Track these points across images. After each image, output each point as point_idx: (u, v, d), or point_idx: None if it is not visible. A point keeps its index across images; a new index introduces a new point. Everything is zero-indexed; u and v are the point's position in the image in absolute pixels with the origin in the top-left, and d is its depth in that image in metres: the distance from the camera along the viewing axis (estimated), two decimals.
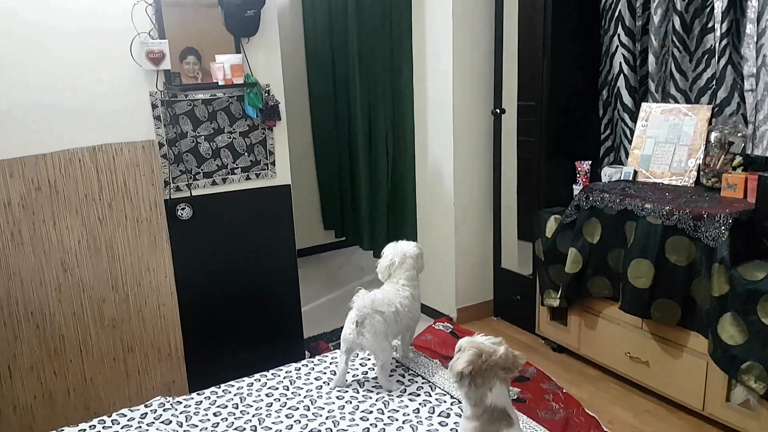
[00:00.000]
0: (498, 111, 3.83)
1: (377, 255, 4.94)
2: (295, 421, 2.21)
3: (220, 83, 2.96)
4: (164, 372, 3.11)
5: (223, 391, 2.44)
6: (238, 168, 3.15)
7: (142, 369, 3.06)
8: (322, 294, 4.76)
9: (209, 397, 2.40)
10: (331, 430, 2.15)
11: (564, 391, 3.18)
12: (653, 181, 3.25)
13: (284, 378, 2.52)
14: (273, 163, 3.23)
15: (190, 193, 3.03)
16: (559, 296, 3.36)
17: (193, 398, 2.40)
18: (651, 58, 3.29)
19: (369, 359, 2.65)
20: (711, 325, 2.62)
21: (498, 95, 3.83)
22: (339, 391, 2.41)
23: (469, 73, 3.77)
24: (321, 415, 2.24)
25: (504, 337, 3.80)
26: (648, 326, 2.99)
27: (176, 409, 2.32)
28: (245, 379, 2.53)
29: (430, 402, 2.32)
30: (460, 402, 2.30)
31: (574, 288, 3.25)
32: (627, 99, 3.45)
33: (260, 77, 3.09)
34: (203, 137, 3.04)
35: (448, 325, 3.86)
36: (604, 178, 3.47)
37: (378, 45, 4.43)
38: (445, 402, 2.32)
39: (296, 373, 2.55)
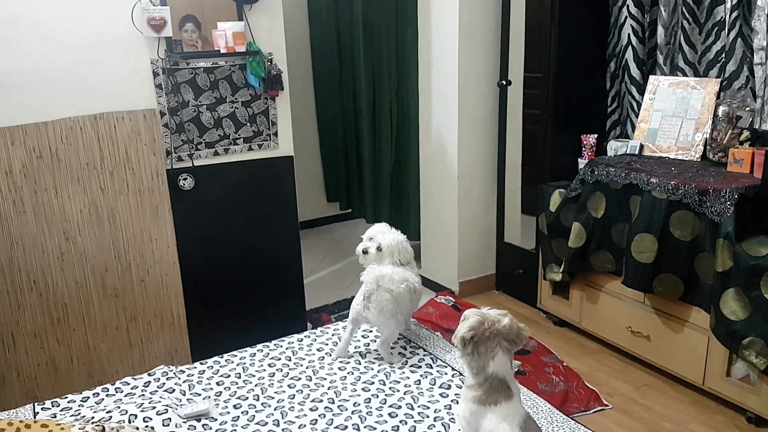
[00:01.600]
0: (504, 83, 3.78)
1: None
2: (297, 391, 2.22)
3: (222, 51, 2.92)
4: (167, 341, 3.13)
5: (225, 360, 2.45)
6: (240, 138, 3.12)
7: (145, 338, 3.08)
8: (325, 266, 4.76)
9: (212, 367, 2.41)
10: (333, 400, 2.16)
11: (564, 364, 3.20)
12: (659, 155, 3.22)
13: (287, 348, 2.53)
14: (275, 134, 3.21)
15: (192, 163, 3.01)
16: (561, 270, 3.36)
17: (196, 367, 2.42)
18: (660, 30, 3.23)
19: (371, 331, 2.65)
20: (713, 301, 2.62)
21: (504, 67, 3.78)
22: (341, 361, 2.42)
23: (475, 44, 3.72)
24: (323, 386, 2.25)
25: (507, 311, 3.84)
26: (650, 301, 2.99)
27: (179, 378, 2.33)
28: (248, 349, 2.54)
29: (432, 374, 2.33)
30: (461, 374, 2.31)
31: (577, 262, 3.24)
32: (635, 71, 3.40)
33: (263, 45, 3.05)
34: (205, 106, 3.01)
35: (450, 298, 3.87)
36: (610, 152, 3.44)
37: (383, 13, 4.38)
38: (446, 374, 2.32)
39: (298, 344, 2.56)
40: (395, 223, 4.77)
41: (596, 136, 3.54)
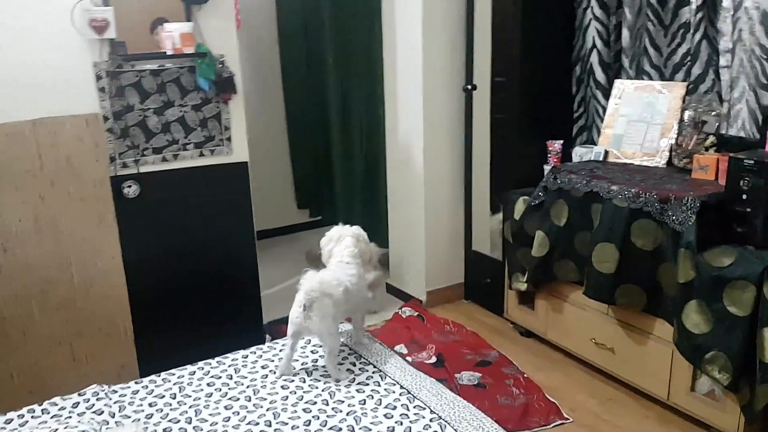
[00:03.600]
0: (469, 87, 3.68)
1: None
2: (233, 413, 2.10)
3: (168, 53, 2.81)
4: (114, 356, 3.00)
5: (162, 379, 2.33)
6: (190, 144, 3.00)
7: (90, 353, 2.95)
8: (292, 275, 4.58)
9: (147, 386, 2.29)
10: (270, 422, 2.05)
11: (525, 375, 3.10)
12: (624, 161, 3.13)
13: (229, 366, 2.41)
14: (229, 139, 3.09)
15: (137, 169, 2.89)
16: (525, 280, 3.26)
17: (130, 387, 2.29)
18: (625, 33, 3.15)
19: (320, 346, 2.53)
20: (676, 313, 2.52)
21: (470, 71, 3.69)
22: (285, 380, 2.30)
23: (439, 47, 3.62)
24: (262, 407, 2.13)
25: (473, 321, 3.74)
26: (613, 312, 2.89)
27: (110, 399, 2.21)
28: (188, 367, 2.42)
29: (378, 393, 2.21)
30: (409, 392, 2.20)
31: (541, 272, 3.14)
32: (600, 75, 3.31)
33: (214, 47, 2.93)
34: (152, 110, 2.89)
35: (412, 310, 3.77)
36: (575, 158, 3.34)
37: (351, 14, 4.27)
38: (393, 393, 2.21)
39: (243, 361, 2.44)
40: (367, 231, 4.71)
41: (562, 142, 3.44)
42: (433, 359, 3.25)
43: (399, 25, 3.71)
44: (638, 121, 3.12)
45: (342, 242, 2.54)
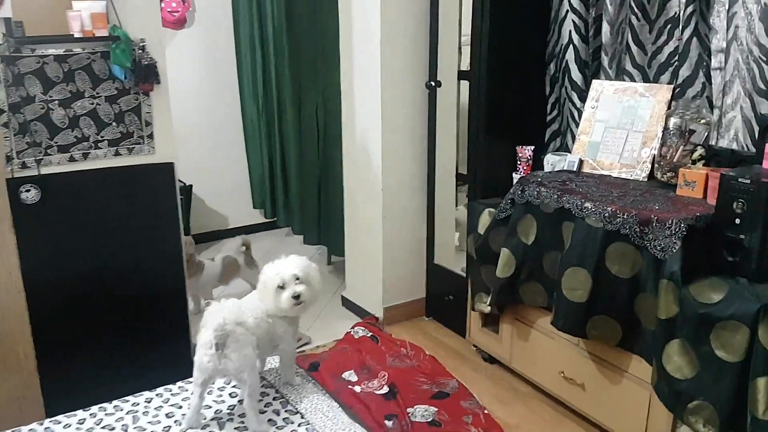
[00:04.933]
0: (433, 84, 3.31)
1: (307, 241, 4.44)
2: None
3: (76, 35, 2.41)
4: (11, 387, 2.59)
5: (44, 429, 1.93)
6: (103, 141, 2.60)
7: None
8: (242, 285, 4.23)
9: None
10: None
11: (486, 411, 2.74)
12: (600, 173, 2.78)
13: (127, 413, 2.02)
14: (150, 136, 2.69)
15: (39, 171, 2.48)
16: (488, 302, 2.90)
17: None
18: (605, 27, 2.79)
19: (238, 388, 2.15)
20: (655, 353, 2.18)
21: (433, 66, 3.31)
22: None
23: (400, 39, 3.24)
24: None
25: (432, 342, 3.38)
26: (585, 344, 2.55)
27: None
28: (78, 413, 2.03)
29: None
30: None
31: (505, 294, 2.79)
32: (576, 75, 2.95)
33: (132, 30, 2.54)
34: (57, 102, 2.48)
35: (367, 330, 3.39)
36: (547, 167, 2.99)
37: (305, 5, 3.88)
38: None
39: (144, 407, 2.05)
40: (322, 237, 4.33)
41: (533, 148, 3.08)
42: (385, 389, 2.88)
43: (355, 13, 3.33)
44: (617, 128, 2.77)
45: None
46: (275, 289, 2.11)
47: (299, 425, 1.96)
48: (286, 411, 2.03)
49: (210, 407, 2.04)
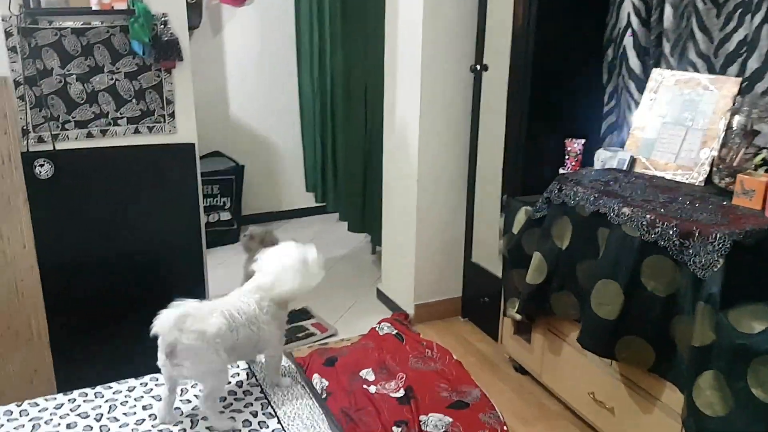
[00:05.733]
0: (478, 67, 3.07)
1: (352, 229, 4.31)
2: None
3: (94, 8, 2.35)
4: (24, 360, 2.59)
5: (21, 411, 1.89)
6: (122, 118, 2.54)
7: None
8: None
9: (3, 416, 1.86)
10: None
11: (505, 428, 2.52)
12: (652, 173, 2.48)
13: (107, 401, 1.94)
14: (171, 115, 2.61)
15: (53, 146, 2.44)
16: (516, 310, 2.67)
17: None
18: (668, 10, 2.48)
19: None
20: (687, 384, 1.90)
21: (480, 48, 3.07)
22: (162, 429, 1.82)
23: (444, 19, 3.02)
24: None
25: (464, 345, 3.18)
26: (617, 365, 2.28)
27: None
28: (58, 396, 1.97)
29: None
30: None
31: (535, 302, 2.55)
32: (634, 62, 2.65)
33: (153, 3, 2.45)
34: (74, 76, 2.44)
35: (393, 327, 3.23)
36: (597, 164, 2.71)
37: None
38: None
39: (125, 395, 1.97)
40: (366, 226, 4.18)
41: (583, 141, 2.80)
42: (401, 392, 2.71)
43: None
44: (675, 124, 2.46)
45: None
46: (300, 265, 2.00)
47: (273, 431, 1.82)
48: (263, 414, 1.89)
49: (190, 402, 1.93)
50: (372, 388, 2.75)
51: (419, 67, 3.03)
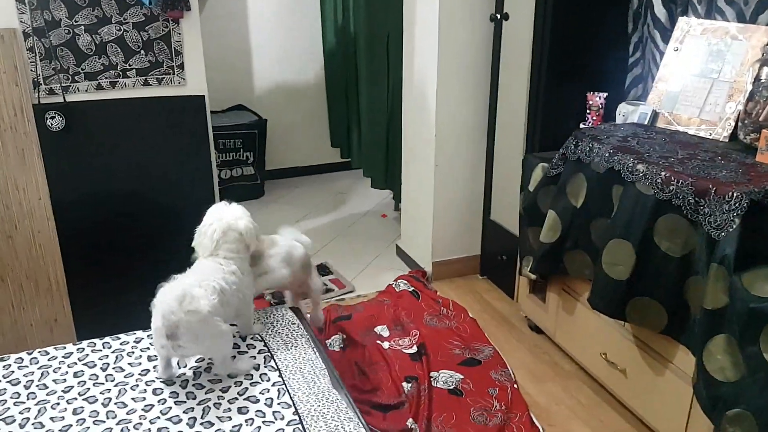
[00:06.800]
0: (498, 16, 2.95)
1: (375, 185, 4.27)
2: (78, 421, 1.67)
3: None
4: (44, 308, 2.65)
5: (31, 359, 1.92)
6: (131, 69, 2.52)
7: (17, 303, 2.61)
8: (308, 222, 4.16)
9: (9, 366, 1.89)
10: None
11: (515, 386, 2.51)
12: (675, 128, 2.37)
13: (114, 351, 1.97)
14: (181, 66, 2.58)
15: (64, 98, 2.44)
16: (529, 269, 2.62)
17: None
18: None
19: None
20: (697, 348, 1.84)
21: None
22: (160, 383, 1.83)
23: None
24: (113, 418, 1.69)
25: (481, 303, 3.15)
26: (630, 327, 2.22)
27: None
28: (67, 346, 2.00)
29: (263, 416, 1.71)
30: (302, 424, 1.69)
31: (548, 262, 2.50)
32: (660, 10, 2.52)
33: None
34: (83, 27, 2.41)
35: (409, 285, 3.21)
36: (619, 118, 2.61)
37: None
38: (281, 420, 1.70)
39: (132, 346, 1.99)
40: (389, 182, 4.13)
41: (605, 95, 2.69)
42: (413, 349, 2.71)
43: None
44: (701, 76, 2.33)
45: (227, 237, 1.96)
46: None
47: (273, 384, 1.82)
48: (266, 366, 1.89)
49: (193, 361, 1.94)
50: (385, 344, 2.76)
51: (437, 16, 2.93)
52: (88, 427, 1.65)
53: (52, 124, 2.45)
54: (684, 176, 1.88)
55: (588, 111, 2.74)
